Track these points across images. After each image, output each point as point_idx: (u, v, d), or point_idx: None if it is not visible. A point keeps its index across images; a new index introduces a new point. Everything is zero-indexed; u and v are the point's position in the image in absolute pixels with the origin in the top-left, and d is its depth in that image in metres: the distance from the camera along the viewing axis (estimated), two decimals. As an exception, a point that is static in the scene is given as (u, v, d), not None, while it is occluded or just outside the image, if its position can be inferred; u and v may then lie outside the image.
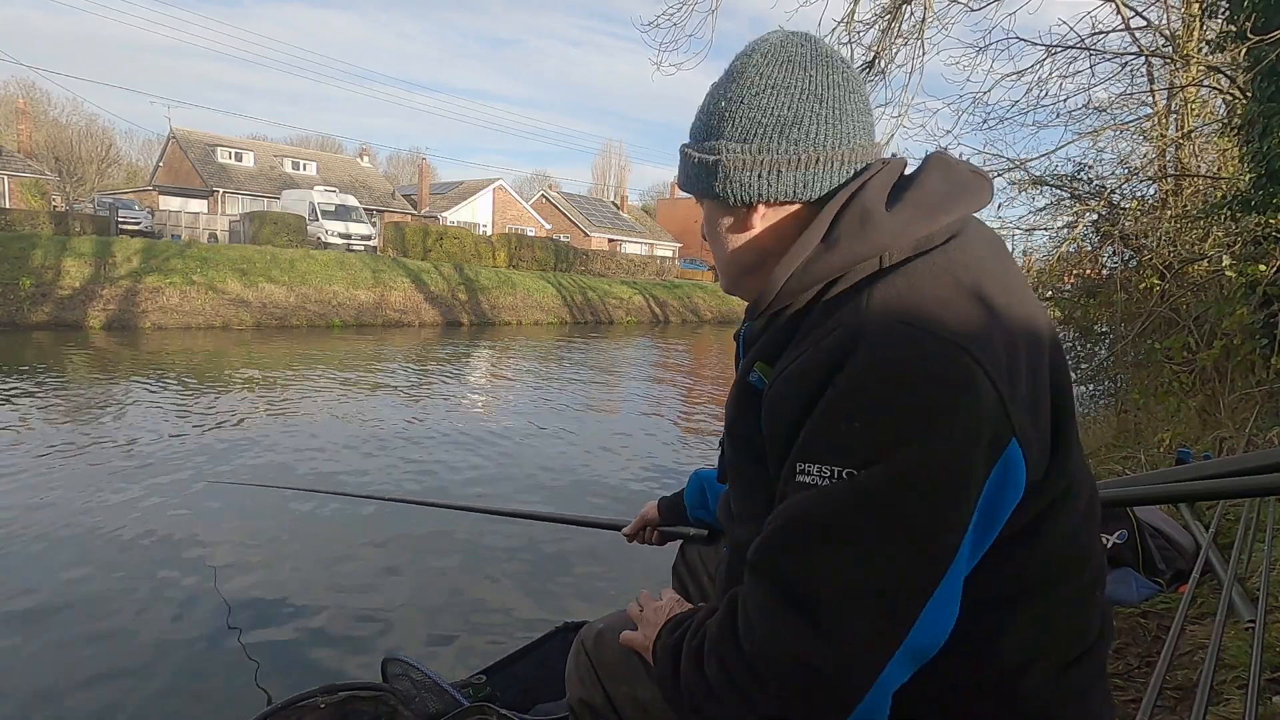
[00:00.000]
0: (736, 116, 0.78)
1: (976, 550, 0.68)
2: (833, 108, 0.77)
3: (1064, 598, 0.75)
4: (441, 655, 3.28)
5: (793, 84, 0.77)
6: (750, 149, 0.77)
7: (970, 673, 0.73)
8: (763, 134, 0.77)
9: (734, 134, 0.78)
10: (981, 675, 0.73)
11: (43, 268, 16.79)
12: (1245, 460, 1.67)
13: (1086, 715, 0.79)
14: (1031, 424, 0.67)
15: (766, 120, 0.77)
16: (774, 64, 0.78)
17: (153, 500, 5.15)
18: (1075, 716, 0.78)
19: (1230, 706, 1.49)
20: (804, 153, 0.76)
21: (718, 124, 0.80)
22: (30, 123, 32.05)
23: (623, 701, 0.96)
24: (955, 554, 0.64)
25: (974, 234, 0.77)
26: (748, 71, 0.79)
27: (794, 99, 0.76)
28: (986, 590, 0.70)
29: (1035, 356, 0.71)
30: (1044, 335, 0.74)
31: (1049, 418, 0.71)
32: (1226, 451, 3.70)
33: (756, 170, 0.78)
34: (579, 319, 26.59)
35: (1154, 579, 2.26)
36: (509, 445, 7.37)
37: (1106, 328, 6.79)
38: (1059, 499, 0.72)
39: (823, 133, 0.76)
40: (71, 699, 2.88)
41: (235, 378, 11.06)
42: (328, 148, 52.67)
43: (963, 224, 0.76)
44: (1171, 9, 6.30)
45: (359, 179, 38.92)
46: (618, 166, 64.11)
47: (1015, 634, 0.73)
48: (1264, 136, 4.35)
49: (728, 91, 0.80)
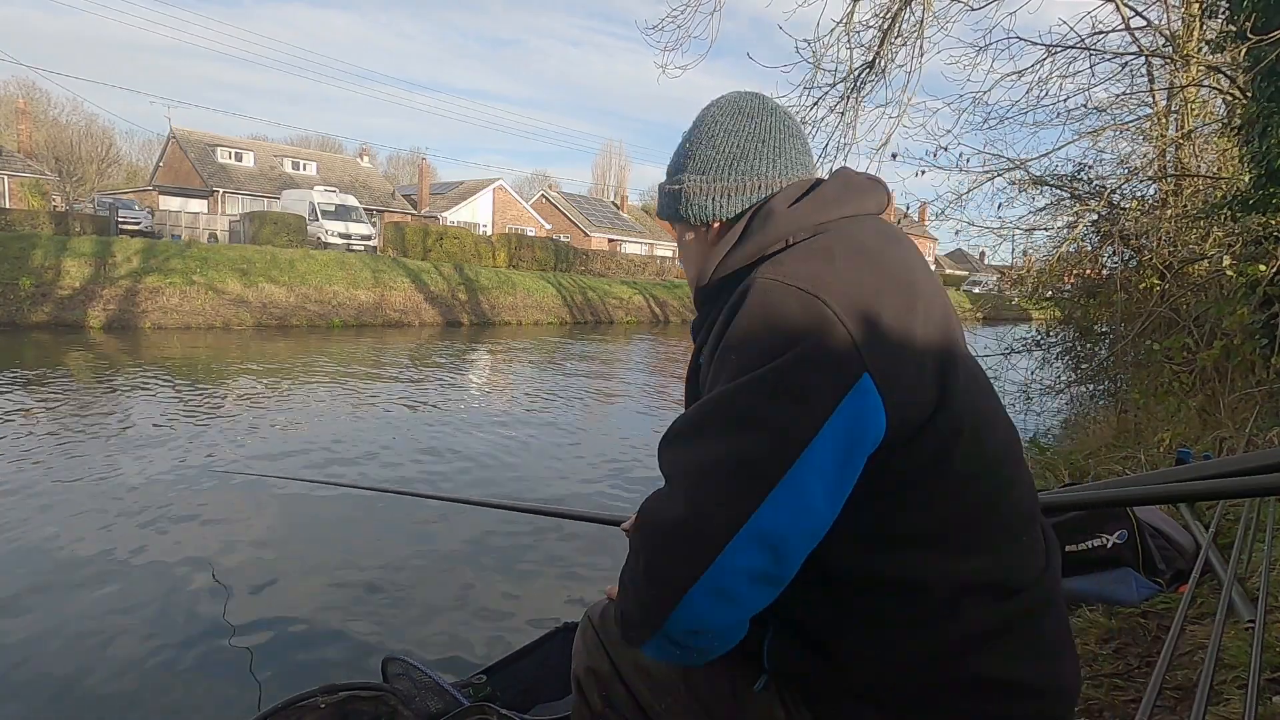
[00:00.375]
0: (696, 155, 0.99)
1: (843, 472, 0.78)
2: (774, 146, 0.97)
3: (985, 536, 0.84)
4: (441, 655, 3.28)
5: (742, 129, 0.97)
6: (707, 179, 0.97)
7: (899, 611, 0.82)
8: (716, 168, 0.97)
9: (695, 168, 0.99)
10: (911, 613, 0.82)
11: (43, 268, 16.80)
12: (1245, 460, 1.67)
13: (1032, 650, 0.84)
14: (894, 367, 0.79)
15: (720, 157, 0.97)
16: (728, 114, 0.99)
17: (151, 500, 5.15)
18: (1019, 650, 0.83)
19: (1230, 706, 1.49)
20: (749, 181, 0.96)
21: (683, 161, 1.01)
22: (30, 123, 32.07)
23: (627, 668, 1.03)
24: (800, 455, 0.75)
25: (867, 224, 0.93)
26: (706, 121, 1.00)
27: (743, 140, 0.97)
28: (902, 529, 0.82)
29: (909, 316, 0.82)
30: (926, 302, 0.86)
31: (937, 369, 0.82)
32: (1226, 451, 3.70)
33: (712, 195, 0.97)
34: (579, 319, 26.60)
35: (1154, 579, 2.26)
36: (509, 444, 7.37)
37: (1106, 328, 6.79)
38: (950, 439, 0.81)
39: (765, 165, 0.96)
40: (70, 696, 2.88)
41: (235, 378, 11.06)
42: (328, 148, 52.67)
43: (859, 217, 0.93)
44: (1171, 9, 6.30)
45: (359, 179, 38.93)
46: (618, 166, 64.14)
47: (938, 572, 0.81)
48: (1264, 136, 4.35)
49: (691, 136, 1.01)
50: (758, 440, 0.76)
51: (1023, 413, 7.20)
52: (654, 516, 0.81)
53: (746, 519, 0.75)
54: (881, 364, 0.78)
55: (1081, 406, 7.41)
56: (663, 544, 0.78)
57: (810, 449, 0.75)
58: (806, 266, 0.84)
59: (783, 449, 0.75)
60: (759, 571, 0.76)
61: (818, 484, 0.76)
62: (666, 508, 0.79)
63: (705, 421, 0.80)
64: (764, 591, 0.78)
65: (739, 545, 0.75)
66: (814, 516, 0.77)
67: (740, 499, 0.75)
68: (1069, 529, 2.33)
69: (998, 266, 13.62)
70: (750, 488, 0.75)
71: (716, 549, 0.75)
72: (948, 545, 0.82)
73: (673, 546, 0.77)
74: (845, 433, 0.76)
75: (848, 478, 0.78)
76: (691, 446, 0.80)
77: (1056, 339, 7.61)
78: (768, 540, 0.75)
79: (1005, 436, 0.90)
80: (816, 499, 0.76)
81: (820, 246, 0.87)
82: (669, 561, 0.78)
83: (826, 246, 0.87)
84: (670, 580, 0.77)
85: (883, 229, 0.93)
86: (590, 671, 1.08)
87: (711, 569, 0.75)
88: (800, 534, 0.77)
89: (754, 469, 0.76)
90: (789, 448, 0.75)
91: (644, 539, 0.81)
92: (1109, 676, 1.81)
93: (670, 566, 0.77)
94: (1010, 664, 0.83)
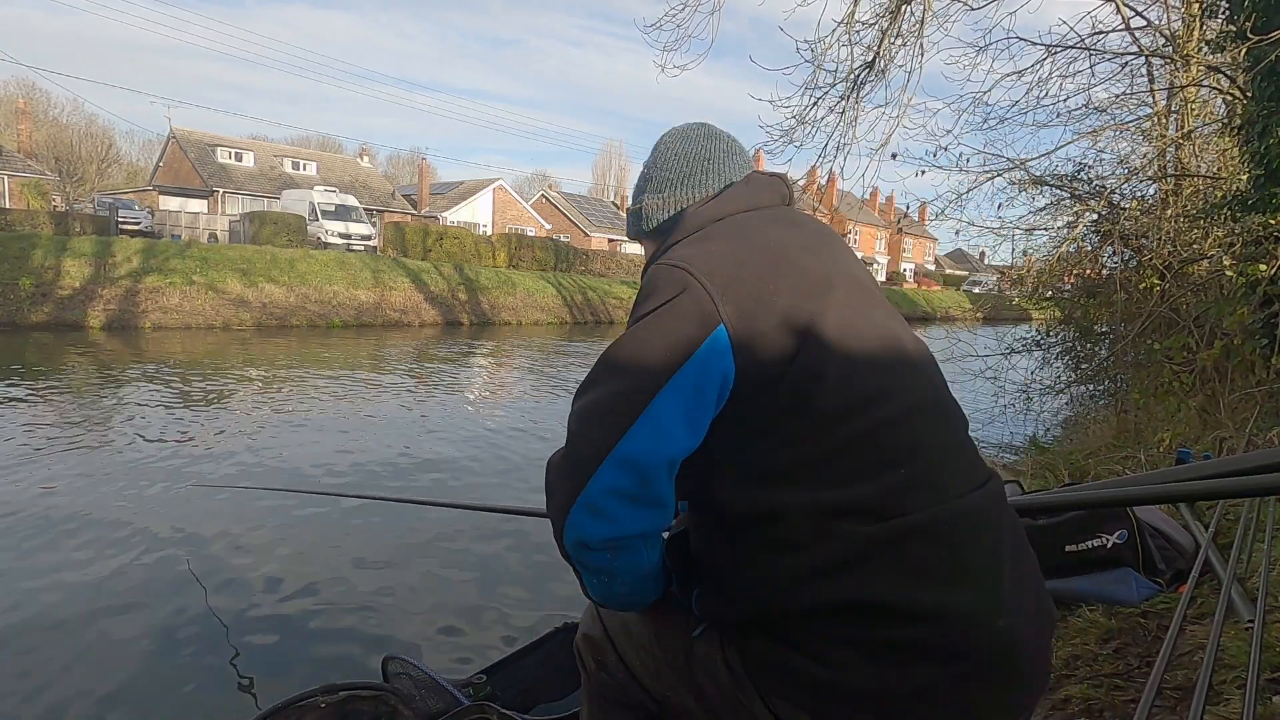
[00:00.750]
0: (653, 178, 1.17)
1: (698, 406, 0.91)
2: (717, 164, 1.14)
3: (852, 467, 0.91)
4: (441, 655, 3.28)
5: (689, 151, 1.15)
6: (661, 197, 1.15)
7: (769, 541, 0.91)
8: (669, 186, 1.14)
9: (652, 189, 1.16)
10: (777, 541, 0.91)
11: (43, 268, 16.78)
12: (1245, 460, 1.67)
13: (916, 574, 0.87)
14: (748, 321, 0.91)
15: (671, 176, 1.15)
16: (678, 140, 1.17)
17: (150, 500, 5.15)
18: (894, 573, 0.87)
19: (1230, 706, 1.50)
20: (697, 195, 1.13)
21: (643, 184, 1.18)
22: (30, 123, 32.09)
23: (615, 630, 1.18)
24: (658, 392, 0.89)
25: (760, 213, 1.07)
26: (660, 148, 1.18)
27: (690, 160, 1.14)
28: (770, 465, 0.92)
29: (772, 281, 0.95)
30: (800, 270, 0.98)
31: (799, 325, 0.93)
32: (1226, 451, 3.70)
33: (666, 210, 1.14)
34: (579, 319, 26.59)
35: (1154, 579, 2.26)
36: (510, 443, 7.37)
37: (1106, 328, 6.79)
38: (808, 383, 0.91)
39: (710, 180, 1.13)
40: (68, 699, 2.88)
41: (235, 378, 11.06)
42: (328, 148, 52.67)
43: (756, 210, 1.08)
44: (1171, 9, 6.30)
45: (359, 179, 38.93)
46: (618, 166, 64.18)
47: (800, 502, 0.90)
48: (1264, 136, 4.35)
49: (649, 162, 1.19)
50: (626, 382, 0.91)
51: (1023, 413, 7.21)
52: (553, 458, 0.97)
53: (614, 446, 0.89)
54: (735, 318, 0.91)
55: (1081, 406, 7.42)
56: (555, 474, 0.95)
57: (669, 386, 0.89)
58: (686, 250, 1.00)
59: (644, 387, 0.90)
60: (624, 490, 0.90)
61: (675, 416, 0.90)
62: (559, 451, 0.96)
63: (592, 375, 0.96)
64: (635, 510, 0.91)
65: (607, 467, 0.89)
66: (672, 443, 0.90)
67: (608, 431, 0.90)
68: (1069, 529, 2.33)
69: (998, 266, 13.61)
70: (616, 421, 0.90)
71: (589, 472, 0.90)
72: (810, 478, 0.90)
73: (560, 474, 0.94)
74: (699, 374, 0.90)
75: (703, 413, 0.91)
76: (581, 397, 0.96)
77: (1056, 339, 7.62)
78: (631, 463, 0.89)
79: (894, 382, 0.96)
80: (674, 429, 0.90)
81: (704, 234, 1.03)
82: (558, 487, 0.94)
83: (709, 234, 1.03)
84: (559, 501, 0.93)
85: (773, 215, 1.08)
86: (586, 637, 1.24)
87: (586, 488, 0.90)
88: (659, 457, 0.90)
89: (621, 405, 0.90)
90: (650, 385, 0.89)
91: (547, 475, 0.97)
92: (1109, 676, 1.82)
93: (559, 490, 0.93)
94: (882, 587, 0.86)
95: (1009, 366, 7.35)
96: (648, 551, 0.98)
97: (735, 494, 0.94)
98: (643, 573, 1.00)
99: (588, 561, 0.95)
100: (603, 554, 0.94)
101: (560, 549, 0.97)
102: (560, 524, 0.94)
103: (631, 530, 0.93)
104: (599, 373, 0.95)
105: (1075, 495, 1.64)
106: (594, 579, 0.99)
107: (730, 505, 0.94)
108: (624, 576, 0.98)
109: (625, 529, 0.92)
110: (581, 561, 0.96)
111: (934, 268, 62.92)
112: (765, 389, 0.91)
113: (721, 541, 0.97)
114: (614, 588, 1.00)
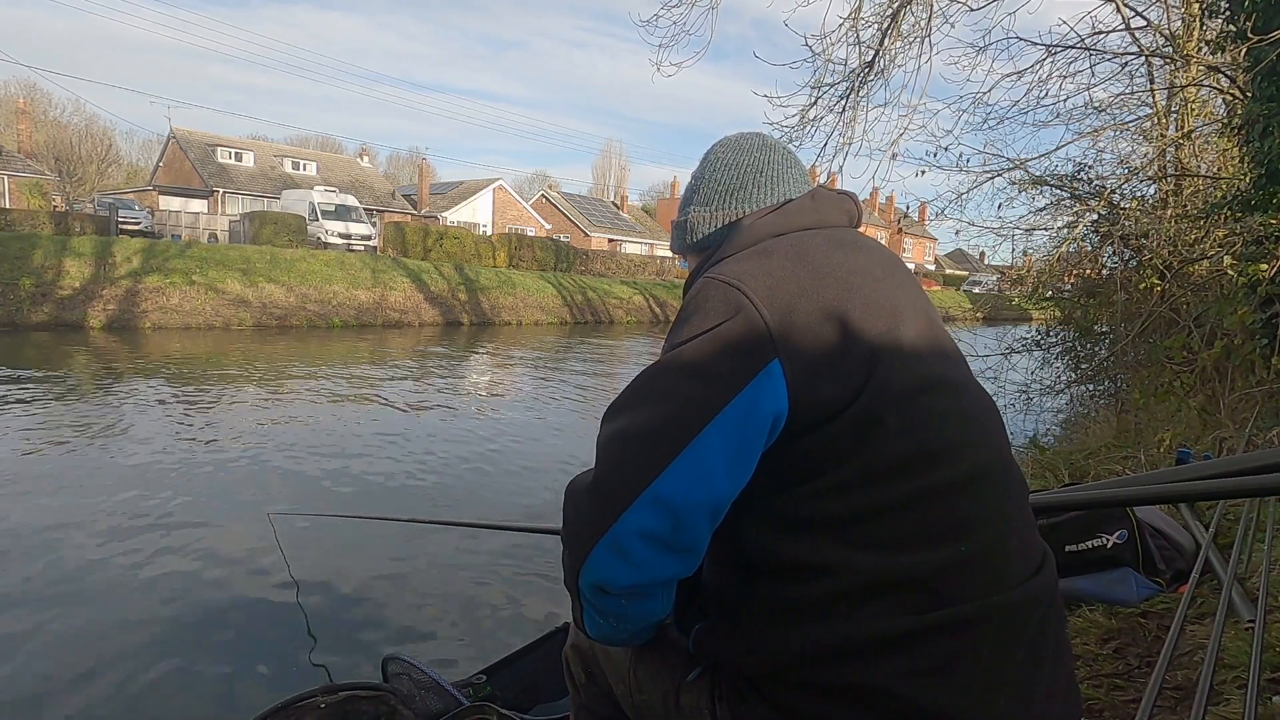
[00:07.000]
0: (701, 189, 1.07)
1: (744, 449, 0.81)
2: (770, 177, 1.04)
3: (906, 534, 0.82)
4: (441, 655, 3.28)
5: (741, 163, 1.05)
6: (709, 210, 1.06)
7: (803, 598, 0.83)
8: (718, 199, 1.05)
9: (699, 201, 1.07)
10: (814, 602, 0.82)
11: (43, 268, 16.78)
12: (1245, 460, 1.67)
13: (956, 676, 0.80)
14: (808, 355, 0.83)
15: (720, 188, 1.05)
16: (729, 151, 1.07)
17: (148, 500, 5.15)
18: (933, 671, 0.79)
19: (1230, 706, 1.49)
20: (747, 209, 1.03)
21: (690, 196, 1.10)
22: (30, 123, 32.06)
23: (603, 650, 1.12)
24: (703, 428, 0.80)
25: (825, 233, 0.98)
26: (710, 158, 1.08)
27: (741, 173, 1.05)
28: (812, 512, 0.83)
29: (836, 312, 0.86)
30: (867, 302, 0.89)
31: (861, 363, 0.84)
32: (1226, 451, 3.70)
33: (714, 224, 1.05)
34: (579, 319, 26.58)
35: (1154, 579, 2.26)
36: (511, 443, 7.37)
37: (1106, 328, 6.79)
38: (865, 428, 0.83)
39: (762, 194, 1.03)
40: (67, 690, 2.88)
41: (237, 380, 11.05)
42: (328, 148, 52.68)
43: (819, 229, 0.98)
44: (1171, 9, 6.29)
45: (359, 179, 38.91)
46: (618, 166, 64.17)
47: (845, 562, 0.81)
48: (1264, 136, 4.35)
49: (698, 173, 1.10)
50: (667, 412, 0.82)
51: (1023, 413, 7.20)
52: (576, 484, 0.88)
53: (648, 484, 0.80)
54: (793, 351, 0.82)
55: (1081, 406, 7.41)
56: (577, 505, 0.86)
57: (714, 423, 0.80)
58: (741, 266, 0.91)
59: (688, 421, 0.81)
60: (655, 534, 0.80)
61: (718, 457, 0.80)
62: (586, 475, 0.87)
63: (627, 398, 0.87)
64: (662, 557, 0.82)
65: (639, 507, 0.80)
66: (712, 488, 0.81)
67: (644, 466, 0.80)
68: (1069, 529, 2.33)
69: (998, 266, 13.62)
70: (654, 456, 0.80)
71: (619, 510, 0.80)
72: (856, 534, 0.82)
73: (584, 506, 0.84)
74: (748, 412, 0.81)
75: (749, 455, 0.82)
76: (614, 421, 0.86)
77: (1056, 339, 7.61)
78: (666, 506, 0.80)
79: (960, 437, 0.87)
80: (716, 472, 0.80)
81: (762, 249, 0.94)
82: (580, 520, 0.84)
83: (768, 249, 0.93)
84: (581, 536, 0.84)
85: (838, 236, 0.98)
86: (574, 648, 1.19)
87: (614, 527, 0.80)
88: (697, 503, 0.80)
89: (660, 438, 0.81)
90: (694, 420, 0.80)
91: (566, 502, 0.88)
92: (1109, 676, 1.81)
93: (581, 524, 0.84)
94: (913, 684, 0.78)
95: (1009, 366, 7.35)
96: (664, 598, 0.90)
97: (767, 537, 0.85)
98: (655, 620, 0.93)
99: (600, 604, 0.88)
100: (618, 599, 0.86)
101: (568, 581, 0.88)
102: (579, 560, 0.84)
103: (656, 578, 0.84)
104: (636, 397, 0.86)
105: (1075, 495, 1.65)
106: (600, 619, 0.91)
107: (759, 547, 0.86)
108: (633, 622, 0.91)
109: (650, 576, 0.83)
110: (592, 602, 0.88)
111: (934, 268, 62.93)
112: (818, 430, 0.83)
113: (740, 583, 0.88)
114: (619, 630, 0.93)
